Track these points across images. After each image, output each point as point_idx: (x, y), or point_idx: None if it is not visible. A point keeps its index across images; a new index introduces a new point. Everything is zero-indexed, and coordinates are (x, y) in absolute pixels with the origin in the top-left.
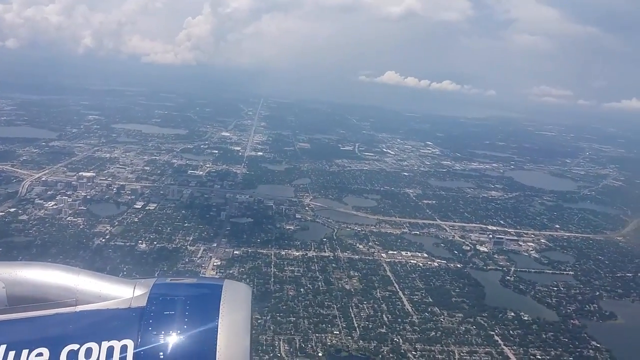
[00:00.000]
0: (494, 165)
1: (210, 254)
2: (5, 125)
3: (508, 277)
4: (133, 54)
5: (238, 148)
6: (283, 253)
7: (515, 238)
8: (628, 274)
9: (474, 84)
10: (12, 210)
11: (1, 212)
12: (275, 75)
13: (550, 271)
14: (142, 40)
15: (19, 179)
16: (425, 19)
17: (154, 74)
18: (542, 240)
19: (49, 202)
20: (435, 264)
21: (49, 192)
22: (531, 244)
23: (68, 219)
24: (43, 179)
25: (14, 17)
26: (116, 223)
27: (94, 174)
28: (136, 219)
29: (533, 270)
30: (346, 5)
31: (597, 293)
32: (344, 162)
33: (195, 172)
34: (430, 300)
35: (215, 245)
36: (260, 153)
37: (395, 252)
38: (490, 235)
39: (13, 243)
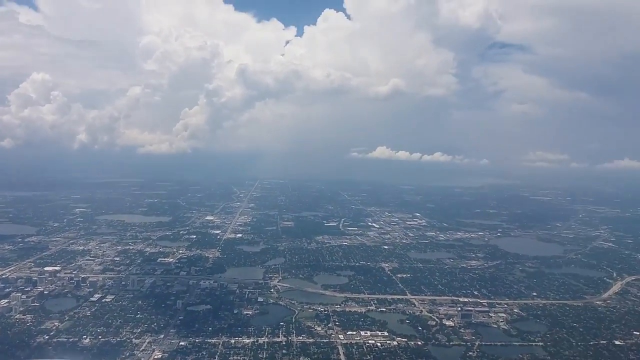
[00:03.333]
0: (480, 233)
1: (155, 346)
2: None
3: (470, 353)
4: (129, 146)
5: (218, 231)
6: (232, 341)
7: (487, 309)
8: (602, 341)
9: (466, 154)
10: None
11: None
12: (271, 158)
13: (518, 343)
14: (141, 133)
15: None
16: (412, 95)
17: (152, 164)
18: (515, 310)
19: (1, 301)
20: (395, 343)
21: (6, 290)
22: (503, 314)
23: (17, 316)
24: (4, 276)
25: (10, 118)
26: (66, 318)
27: (59, 268)
28: (88, 313)
29: (499, 344)
30: (335, 88)
31: None
32: (324, 238)
33: (166, 259)
34: None
35: (162, 336)
36: (240, 235)
37: (354, 333)
38: (459, 308)
39: None
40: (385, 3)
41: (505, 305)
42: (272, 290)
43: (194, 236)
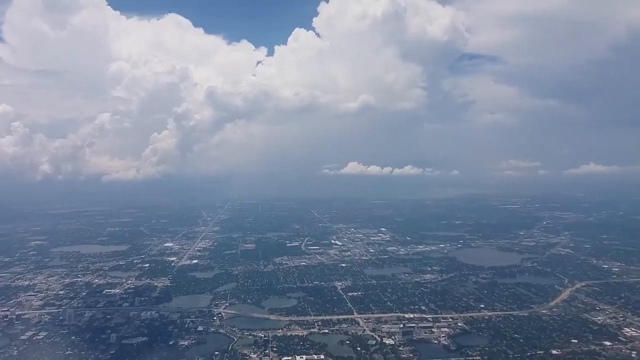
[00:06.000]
0: (440, 246)
1: None
2: None
3: None
4: (93, 174)
5: (174, 258)
6: None
7: (430, 325)
8: (539, 352)
9: (436, 167)
10: None
11: None
12: (244, 178)
13: (456, 358)
14: (111, 160)
15: None
16: (381, 110)
17: (122, 191)
18: (459, 324)
19: None
20: None
21: None
22: (446, 329)
23: None
24: None
25: None
26: None
27: None
28: (15, 352)
29: None
30: (304, 106)
31: None
32: (283, 259)
33: (112, 290)
34: None
35: None
36: (196, 261)
37: (290, 358)
38: (402, 325)
39: None
40: (354, 20)
41: (450, 320)
42: (215, 318)
43: (147, 265)
